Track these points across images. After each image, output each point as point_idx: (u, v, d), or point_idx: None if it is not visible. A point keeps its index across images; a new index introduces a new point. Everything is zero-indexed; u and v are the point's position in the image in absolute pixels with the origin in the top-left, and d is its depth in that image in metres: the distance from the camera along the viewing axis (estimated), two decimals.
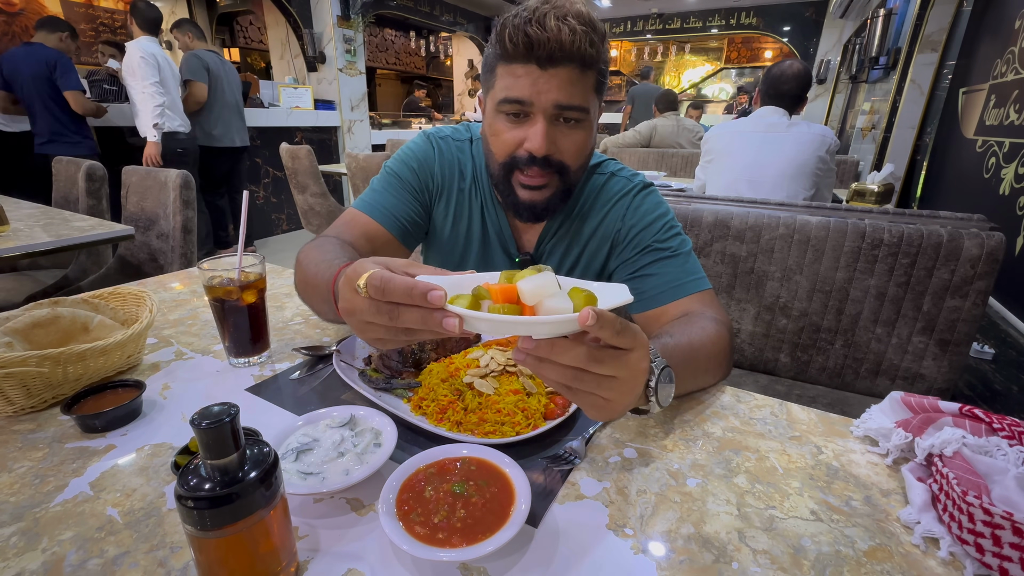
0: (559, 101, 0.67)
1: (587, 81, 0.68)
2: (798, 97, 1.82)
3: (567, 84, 0.66)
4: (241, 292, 0.66)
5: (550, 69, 0.65)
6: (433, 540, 0.38)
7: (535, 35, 0.63)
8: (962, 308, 1.02)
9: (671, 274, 0.77)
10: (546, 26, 0.63)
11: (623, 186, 0.84)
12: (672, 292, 0.76)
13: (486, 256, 0.87)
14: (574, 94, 0.67)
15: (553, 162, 0.70)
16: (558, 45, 0.63)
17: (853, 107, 5.48)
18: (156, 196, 1.78)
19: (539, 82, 0.66)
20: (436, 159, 0.85)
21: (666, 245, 0.79)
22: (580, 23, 0.63)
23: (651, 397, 0.50)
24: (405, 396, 0.61)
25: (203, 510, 0.32)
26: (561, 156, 0.71)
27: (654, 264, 0.78)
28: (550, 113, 0.68)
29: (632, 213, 0.82)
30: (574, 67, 0.66)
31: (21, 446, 0.53)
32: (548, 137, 0.68)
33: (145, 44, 3.00)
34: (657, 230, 0.80)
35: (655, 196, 0.84)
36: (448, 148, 0.85)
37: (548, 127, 0.68)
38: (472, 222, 0.85)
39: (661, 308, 0.76)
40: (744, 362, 1.26)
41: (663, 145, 3.87)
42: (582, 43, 0.64)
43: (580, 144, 0.72)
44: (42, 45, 2.77)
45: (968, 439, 0.46)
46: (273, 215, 4.82)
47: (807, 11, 7.74)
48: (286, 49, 5.41)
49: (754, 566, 0.40)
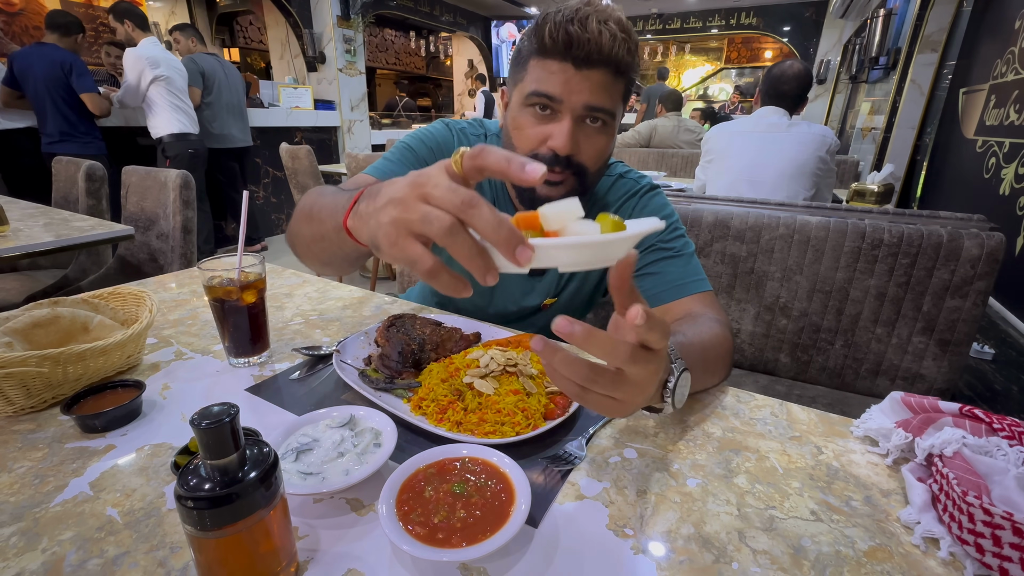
0: (589, 102, 0.67)
1: (618, 86, 0.69)
2: (799, 97, 1.82)
3: (599, 86, 0.67)
4: (241, 292, 0.66)
5: (584, 70, 0.66)
6: (433, 540, 0.38)
7: (576, 34, 0.63)
8: (962, 308, 1.02)
9: (674, 273, 0.78)
10: (588, 27, 0.63)
11: (631, 187, 0.86)
12: (674, 291, 0.77)
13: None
14: (604, 97, 0.68)
15: (574, 163, 0.70)
16: (597, 47, 0.64)
17: (853, 107, 5.48)
18: (156, 196, 1.78)
19: (572, 81, 0.66)
20: (455, 145, 0.85)
21: (670, 245, 0.80)
22: (620, 29, 0.65)
23: (667, 399, 0.49)
24: (405, 396, 0.61)
25: (203, 510, 0.32)
26: (581, 157, 0.71)
27: (657, 263, 0.79)
28: (578, 113, 0.68)
29: (639, 214, 0.83)
30: (608, 71, 0.66)
31: (21, 446, 0.53)
32: (573, 137, 0.68)
33: (151, 49, 3.01)
34: (662, 229, 0.81)
35: (661, 198, 0.86)
36: (464, 140, 0.86)
37: (574, 127, 0.68)
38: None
39: (663, 307, 0.77)
40: (744, 362, 1.26)
41: (663, 145, 3.87)
42: (620, 49, 0.65)
43: (601, 147, 0.72)
44: (55, 46, 2.77)
45: (968, 439, 0.46)
46: (273, 215, 4.82)
47: (807, 11, 7.74)
48: (286, 49, 5.41)
49: (754, 566, 0.40)
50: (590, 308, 0.98)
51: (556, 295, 0.90)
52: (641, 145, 3.94)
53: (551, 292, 0.90)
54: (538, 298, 0.90)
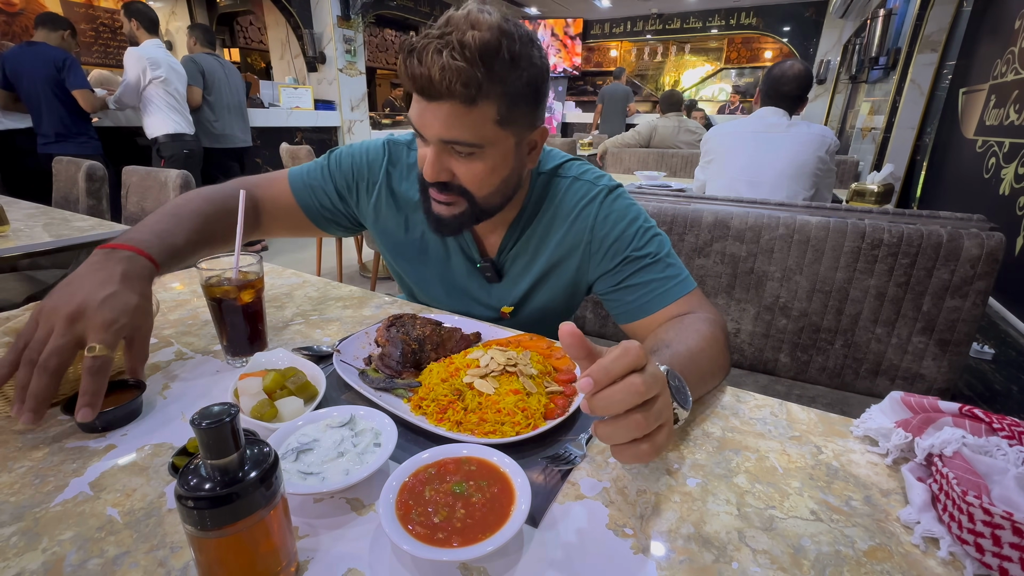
0: (442, 136, 0.65)
1: (478, 114, 0.63)
2: (798, 98, 1.82)
3: (450, 118, 0.63)
4: (238, 292, 0.66)
5: (433, 103, 0.63)
6: (433, 540, 0.38)
7: (412, 68, 0.61)
8: (962, 308, 1.02)
9: (654, 281, 0.76)
10: (424, 60, 0.59)
11: (587, 191, 0.81)
12: (658, 300, 0.75)
13: (448, 261, 0.87)
14: (457, 128, 0.64)
15: (453, 186, 0.70)
16: (429, 81, 0.60)
17: (853, 107, 5.48)
18: (156, 196, 1.78)
19: (425, 114, 0.64)
20: (383, 163, 0.86)
21: (643, 252, 0.77)
22: (460, 58, 0.58)
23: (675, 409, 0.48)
24: (405, 396, 0.61)
25: (203, 510, 0.32)
26: (460, 182, 0.70)
27: (635, 274, 0.77)
28: (438, 145, 0.66)
29: (602, 223, 0.79)
30: (456, 102, 0.62)
31: (21, 446, 0.53)
32: (437, 165, 0.67)
33: (153, 50, 3.01)
34: (631, 238, 0.78)
35: (623, 199, 0.81)
36: (398, 153, 0.87)
37: (438, 155, 0.67)
38: (425, 228, 0.84)
39: (651, 317, 0.76)
40: (744, 362, 1.26)
41: (663, 145, 3.87)
42: (453, 81, 0.59)
43: (478, 174, 0.69)
44: (46, 44, 2.77)
45: (968, 439, 0.46)
46: None
47: (807, 11, 7.74)
48: (286, 49, 5.42)
49: (754, 566, 0.40)
50: (569, 316, 0.95)
51: (514, 304, 0.88)
52: (641, 145, 3.94)
53: (510, 301, 0.88)
54: (496, 303, 0.89)
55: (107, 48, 5.95)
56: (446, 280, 0.89)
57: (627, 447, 0.41)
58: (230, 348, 0.70)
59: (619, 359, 0.39)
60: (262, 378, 0.57)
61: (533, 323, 0.88)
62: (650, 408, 0.40)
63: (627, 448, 0.41)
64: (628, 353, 0.39)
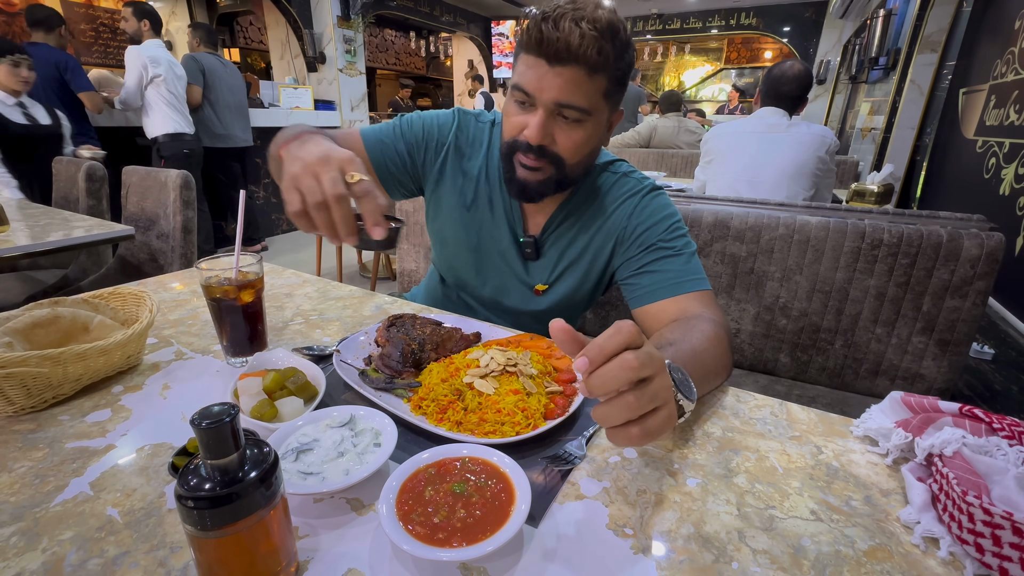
0: (559, 99, 0.70)
1: (594, 84, 0.70)
2: (799, 98, 1.82)
3: (571, 84, 0.69)
4: (238, 292, 0.66)
5: (556, 67, 0.68)
6: (433, 540, 0.38)
7: (546, 33, 0.66)
8: (962, 308, 1.02)
9: (672, 271, 0.78)
10: (559, 26, 0.66)
11: (633, 186, 0.86)
12: (671, 288, 0.77)
13: (493, 232, 0.90)
14: (576, 94, 0.69)
15: (548, 152, 0.74)
16: (565, 46, 0.66)
17: (853, 107, 5.48)
18: (156, 196, 1.78)
19: (545, 78, 0.69)
20: (452, 128, 0.90)
21: (670, 244, 0.81)
22: (594, 28, 0.66)
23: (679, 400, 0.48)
24: (405, 396, 0.61)
25: (203, 510, 0.32)
26: (557, 148, 0.74)
27: (656, 262, 0.80)
28: (550, 108, 0.71)
29: (639, 213, 0.84)
30: (581, 69, 0.68)
31: (21, 446, 0.53)
32: (544, 129, 0.72)
33: (154, 49, 3.01)
34: (663, 229, 0.82)
35: (663, 199, 0.86)
36: (467, 122, 0.91)
37: (546, 120, 0.72)
38: (479, 195, 0.89)
39: (659, 305, 0.77)
40: (744, 362, 1.26)
41: (663, 145, 3.87)
42: (590, 48, 0.66)
43: (577, 141, 0.74)
44: (47, 46, 2.77)
45: (968, 439, 0.46)
46: (273, 215, 4.82)
47: (807, 11, 7.74)
48: (286, 49, 5.41)
49: (754, 566, 0.40)
50: (589, 306, 0.98)
51: (548, 283, 0.91)
52: (641, 145, 3.94)
53: (544, 280, 0.91)
54: (532, 281, 0.91)
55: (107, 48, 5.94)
56: (485, 248, 0.92)
57: (619, 430, 0.41)
58: (230, 348, 0.70)
59: (612, 337, 0.39)
60: (262, 378, 0.58)
61: (556, 306, 0.92)
62: (644, 388, 0.40)
63: (619, 431, 0.41)
64: (621, 331, 0.39)
